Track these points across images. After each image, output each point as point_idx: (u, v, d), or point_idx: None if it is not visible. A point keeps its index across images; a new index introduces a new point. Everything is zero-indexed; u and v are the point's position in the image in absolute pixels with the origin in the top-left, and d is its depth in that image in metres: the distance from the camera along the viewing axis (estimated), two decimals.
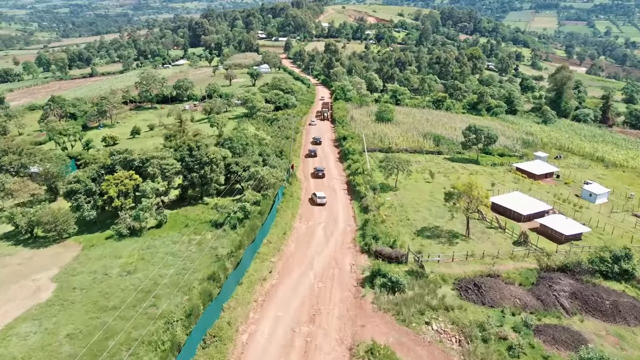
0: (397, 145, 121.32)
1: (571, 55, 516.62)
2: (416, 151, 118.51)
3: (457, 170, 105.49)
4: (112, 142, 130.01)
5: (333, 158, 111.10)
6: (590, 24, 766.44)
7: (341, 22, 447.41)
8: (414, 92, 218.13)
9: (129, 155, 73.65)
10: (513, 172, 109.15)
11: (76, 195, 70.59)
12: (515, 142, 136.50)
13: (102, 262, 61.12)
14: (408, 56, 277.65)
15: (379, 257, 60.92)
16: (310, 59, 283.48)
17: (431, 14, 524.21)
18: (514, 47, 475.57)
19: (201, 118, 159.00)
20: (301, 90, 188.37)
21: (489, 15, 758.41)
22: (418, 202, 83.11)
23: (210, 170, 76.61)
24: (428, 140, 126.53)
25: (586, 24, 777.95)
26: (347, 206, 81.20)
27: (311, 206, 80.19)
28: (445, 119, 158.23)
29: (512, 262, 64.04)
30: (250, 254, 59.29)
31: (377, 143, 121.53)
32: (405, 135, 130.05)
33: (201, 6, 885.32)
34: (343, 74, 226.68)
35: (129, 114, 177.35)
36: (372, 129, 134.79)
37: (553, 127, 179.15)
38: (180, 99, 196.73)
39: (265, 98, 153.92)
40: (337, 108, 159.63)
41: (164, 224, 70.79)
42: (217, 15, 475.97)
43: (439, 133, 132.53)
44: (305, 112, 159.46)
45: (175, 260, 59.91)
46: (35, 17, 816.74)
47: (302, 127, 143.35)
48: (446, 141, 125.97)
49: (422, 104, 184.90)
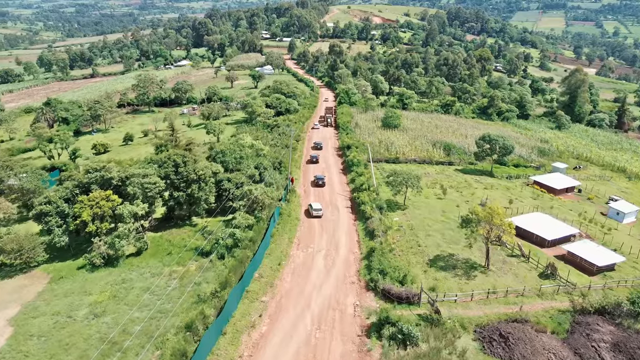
0: (405, 155, 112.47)
1: (580, 56, 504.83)
2: (425, 162, 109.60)
3: (470, 184, 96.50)
4: (103, 149, 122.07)
5: (336, 169, 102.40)
6: (599, 25, 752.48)
7: (346, 22, 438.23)
8: (421, 95, 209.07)
9: (107, 173, 65.25)
10: (531, 186, 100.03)
11: (47, 218, 62.34)
12: (530, 151, 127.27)
13: (69, 300, 52.80)
14: (415, 57, 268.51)
15: (387, 296, 52.30)
16: (315, 60, 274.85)
17: (438, 14, 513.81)
18: (521, 47, 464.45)
19: (199, 123, 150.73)
20: (304, 94, 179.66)
21: (496, 15, 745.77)
22: (429, 224, 74.29)
23: (199, 189, 68.15)
24: (438, 149, 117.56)
25: (594, 24, 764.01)
26: (351, 228, 72.51)
27: (311, 229, 71.50)
28: (455, 125, 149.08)
29: (541, 301, 55.21)
30: (238, 292, 50.81)
31: (383, 152, 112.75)
32: (413, 144, 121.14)
33: (206, 6, 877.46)
34: (348, 76, 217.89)
35: (125, 118, 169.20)
36: (377, 136, 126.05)
37: (567, 133, 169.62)
38: (179, 102, 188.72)
39: (265, 102, 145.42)
40: (341, 113, 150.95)
41: (144, 251, 62.39)
42: (221, 15, 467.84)
43: (449, 141, 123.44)
44: (308, 117, 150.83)
45: (152, 299, 51.53)
46: (41, 17, 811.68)
47: (305, 132, 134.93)
48: (457, 150, 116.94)
49: (430, 108, 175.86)
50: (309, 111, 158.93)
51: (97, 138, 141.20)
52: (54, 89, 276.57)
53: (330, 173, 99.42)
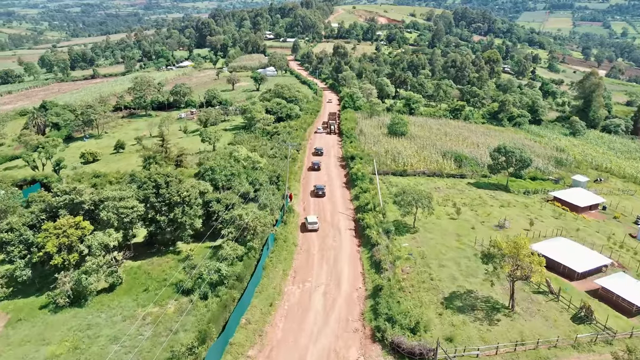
0: (413, 166, 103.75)
1: (588, 57, 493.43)
2: (435, 174, 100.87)
3: (485, 201, 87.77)
4: (92, 158, 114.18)
5: (339, 182, 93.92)
6: (606, 25, 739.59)
7: (351, 23, 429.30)
8: (429, 98, 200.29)
9: (77, 197, 57.08)
10: (551, 203, 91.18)
11: (8, 248, 54.34)
12: (547, 161, 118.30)
13: (23, 351, 44.70)
14: (421, 59, 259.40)
15: (397, 351, 43.89)
16: (319, 61, 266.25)
17: (444, 14, 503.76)
18: (529, 48, 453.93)
19: (196, 129, 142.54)
20: (306, 98, 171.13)
21: (502, 15, 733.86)
22: (443, 251, 65.72)
23: (182, 213, 59.89)
24: (448, 160, 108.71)
25: (602, 24, 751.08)
26: (354, 256, 64.04)
27: (309, 257, 63.10)
28: (465, 132, 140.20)
29: (577, 354, 46.67)
30: (219, 346, 42.52)
31: (389, 164, 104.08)
32: (421, 154, 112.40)
33: (211, 5, 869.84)
34: (352, 79, 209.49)
35: (121, 123, 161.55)
36: (383, 145, 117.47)
37: (583, 140, 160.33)
38: (178, 106, 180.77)
39: (265, 108, 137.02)
40: (344, 119, 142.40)
41: (117, 286, 54.21)
42: (225, 15, 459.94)
43: (461, 151, 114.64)
44: (310, 123, 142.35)
45: (118, 353, 43.32)
46: (47, 17, 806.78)
47: (306, 140, 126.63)
48: (469, 162, 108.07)
49: (438, 113, 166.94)
50: (312, 116, 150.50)
51: (88, 145, 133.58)
52: (53, 90, 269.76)
53: (332, 186, 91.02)
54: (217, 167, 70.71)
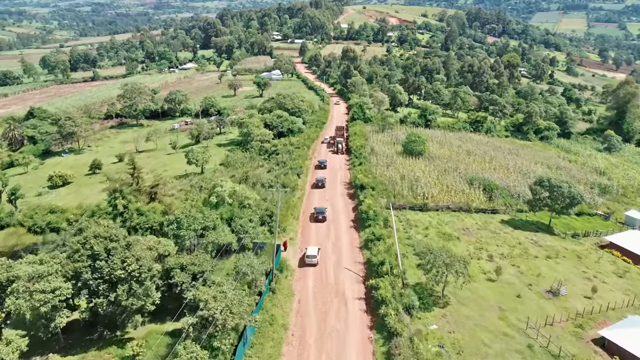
0: (435, 198, 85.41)
1: (606, 59, 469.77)
2: (462, 209, 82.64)
3: (526, 249, 69.50)
4: (62, 182, 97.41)
5: (346, 223, 75.81)
6: (622, 26, 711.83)
7: (361, 24, 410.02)
8: (444, 107, 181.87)
9: None
10: (607, 251, 72.72)
11: None
12: (590, 188, 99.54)
13: None
14: (436, 63, 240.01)
15: None
16: (327, 64, 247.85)
17: (457, 14, 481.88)
18: (545, 50, 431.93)
19: (187, 144, 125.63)
20: (312, 107, 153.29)
21: (515, 16, 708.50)
22: (485, 340, 47.72)
23: (129, 293, 42.59)
24: (476, 189, 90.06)
25: (617, 26, 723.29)
26: (365, 349, 46.31)
27: (303, 353, 45.41)
28: (491, 150, 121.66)
29: None
30: None
31: (406, 194, 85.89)
32: (443, 180, 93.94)
33: (221, 5, 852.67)
34: (363, 84, 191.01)
35: (108, 134, 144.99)
36: (398, 168, 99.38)
37: (619, 156, 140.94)
38: (172, 114, 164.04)
39: (264, 121, 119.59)
40: (353, 133, 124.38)
41: None
42: (232, 15, 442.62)
43: (489, 177, 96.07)
44: (315, 138, 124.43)
45: None
46: (57, 16, 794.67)
47: (309, 159, 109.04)
48: (502, 192, 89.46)
49: (457, 126, 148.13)
50: (317, 130, 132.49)
51: (65, 162, 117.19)
52: (50, 93, 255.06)
53: (338, 229, 73.17)
54: (184, 218, 53.10)
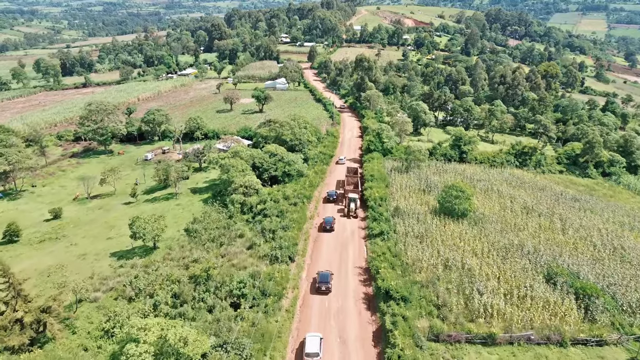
0: (502, 313, 52.46)
1: (634, 64, 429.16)
2: (549, 340, 49.58)
3: None
4: None
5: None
6: None
7: (375, 26, 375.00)
8: (476, 127, 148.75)
9: None
10: None
11: None
12: None
13: None
14: (461, 72, 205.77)
15: None
16: (338, 72, 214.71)
17: (476, 15, 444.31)
18: (571, 54, 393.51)
19: (154, 187, 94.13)
20: (318, 133, 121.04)
21: (532, 17, 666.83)
22: None
23: None
24: (562, 292, 56.59)
25: (639, 27, 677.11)
26: None
27: None
28: (554, 202, 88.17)
29: None
30: None
31: (455, 308, 52.81)
32: (504, 273, 60.56)
33: (233, 5, 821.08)
34: (379, 98, 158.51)
35: (64, 167, 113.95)
36: (437, 242, 66.75)
37: None
38: (151, 138, 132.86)
39: (253, 162, 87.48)
40: (370, 175, 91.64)
41: None
42: (240, 16, 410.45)
43: (575, 266, 62.62)
44: (318, 184, 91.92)
45: None
46: (68, 15, 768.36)
47: (311, 218, 77.20)
48: (607, 301, 55.15)
49: (498, 159, 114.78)
50: (323, 166, 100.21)
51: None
52: (35, 101, 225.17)
53: None
54: None
